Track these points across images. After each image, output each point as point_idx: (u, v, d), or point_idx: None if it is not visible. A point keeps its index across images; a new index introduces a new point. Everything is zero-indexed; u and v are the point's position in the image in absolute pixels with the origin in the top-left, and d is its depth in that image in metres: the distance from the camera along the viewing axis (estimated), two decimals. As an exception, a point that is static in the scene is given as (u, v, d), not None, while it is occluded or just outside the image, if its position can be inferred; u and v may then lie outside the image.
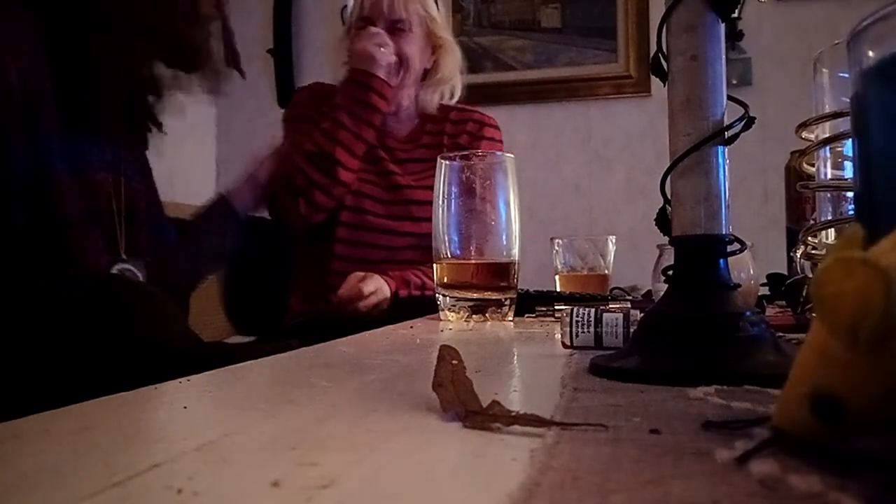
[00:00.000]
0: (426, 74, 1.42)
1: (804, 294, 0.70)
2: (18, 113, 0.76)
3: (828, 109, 0.56)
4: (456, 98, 1.45)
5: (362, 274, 1.26)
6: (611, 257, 1.20)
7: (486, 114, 1.47)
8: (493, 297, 0.83)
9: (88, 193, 0.83)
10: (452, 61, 1.43)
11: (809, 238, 0.61)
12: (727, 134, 0.40)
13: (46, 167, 0.78)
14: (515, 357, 0.53)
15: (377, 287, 1.24)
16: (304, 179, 1.27)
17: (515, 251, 0.85)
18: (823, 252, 0.60)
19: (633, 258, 1.54)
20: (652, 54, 0.43)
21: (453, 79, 1.44)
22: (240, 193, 1.24)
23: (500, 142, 1.46)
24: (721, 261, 0.40)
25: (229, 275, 1.48)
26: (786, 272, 0.99)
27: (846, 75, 0.31)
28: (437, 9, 1.42)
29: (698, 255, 0.40)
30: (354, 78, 1.32)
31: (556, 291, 1.03)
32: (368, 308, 1.22)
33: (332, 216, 1.31)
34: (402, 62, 1.35)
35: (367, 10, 1.36)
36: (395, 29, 1.35)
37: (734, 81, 2.09)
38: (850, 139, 0.32)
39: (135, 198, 0.91)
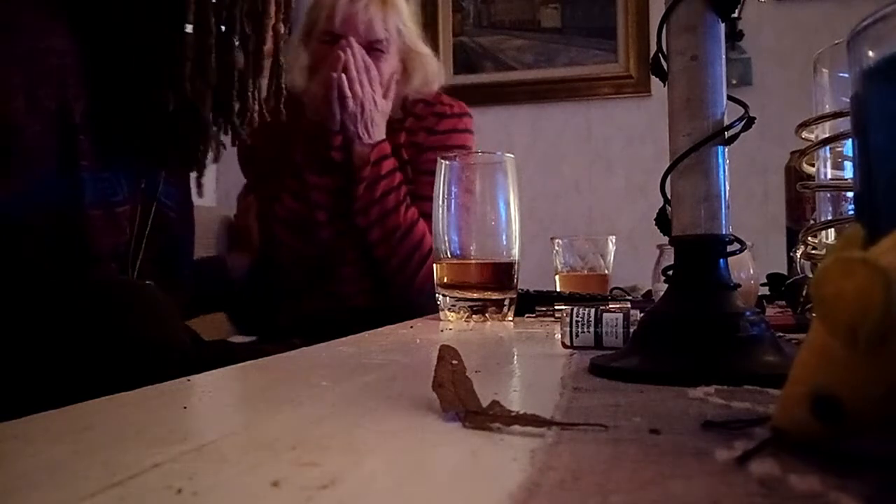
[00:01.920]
0: (396, 83, 1.31)
1: (804, 294, 0.70)
2: (55, 145, 0.76)
3: (828, 109, 0.56)
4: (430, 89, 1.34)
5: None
6: (611, 257, 1.20)
7: (455, 102, 1.37)
8: (493, 297, 0.83)
9: (116, 227, 0.83)
10: (421, 68, 1.31)
11: (809, 238, 0.61)
12: (727, 134, 0.40)
13: (79, 201, 0.78)
14: (515, 357, 0.53)
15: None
16: (286, 247, 1.25)
17: (515, 251, 0.85)
18: (823, 252, 0.60)
19: (633, 258, 1.54)
20: (652, 54, 0.43)
21: (426, 87, 1.33)
22: (235, 259, 1.23)
23: (467, 131, 1.36)
24: (721, 261, 0.40)
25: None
26: (786, 272, 0.99)
27: (846, 75, 0.31)
28: (411, 17, 1.32)
29: (698, 255, 0.40)
30: (312, 133, 1.22)
31: (556, 291, 1.03)
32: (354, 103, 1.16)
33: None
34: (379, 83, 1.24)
35: (337, 26, 1.22)
36: (372, 49, 1.23)
37: (734, 81, 2.10)
38: (850, 139, 0.32)
39: (164, 227, 0.90)
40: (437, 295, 0.86)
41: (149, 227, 0.86)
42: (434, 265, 0.86)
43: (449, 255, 0.84)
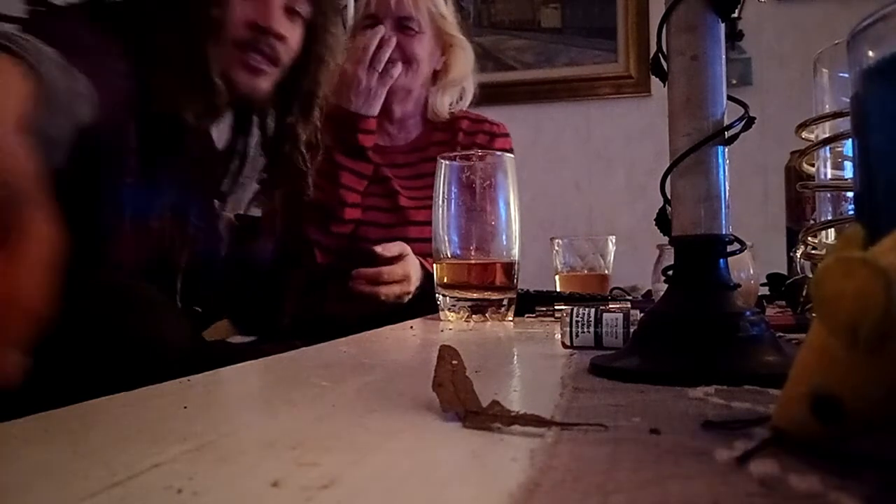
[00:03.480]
0: (436, 76, 1.34)
1: (804, 294, 0.70)
2: (102, 166, 0.78)
3: (828, 109, 0.56)
4: (467, 102, 1.38)
5: (397, 249, 1.14)
6: (611, 257, 1.20)
7: (497, 122, 1.41)
8: (493, 297, 0.83)
9: (152, 243, 0.84)
10: (464, 61, 1.34)
11: (809, 238, 0.61)
12: (727, 134, 0.40)
13: (120, 219, 0.79)
14: (515, 357, 0.53)
15: (405, 274, 1.13)
16: (313, 230, 1.24)
17: (515, 251, 0.85)
18: (823, 252, 0.60)
19: (633, 258, 1.54)
20: (652, 54, 0.43)
21: (465, 80, 1.35)
22: (260, 248, 1.23)
23: (511, 150, 1.37)
24: (721, 261, 0.40)
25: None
26: (786, 272, 0.99)
27: (846, 75, 0.31)
28: (447, 5, 1.34)
29: (698, 255, 0.40)
30: (336, 114, 1.21)
31: (556, 291, 1.03)
32: (388, 298, 1.12)
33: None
34: (409, 64, 1.26)
35: (373, 7, 1.28)
36: (404, 27, 1.26)
37: (734, 81, 2.09)
38: (850, 139, 0.32)
39: (198, 245, 0.91)
40: (437, 295, 0.86)
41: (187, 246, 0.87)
42: (434, 265, 0.86)
43: (449, 255, 0.84)
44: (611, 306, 0.56)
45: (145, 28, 0.82)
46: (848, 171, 0.58)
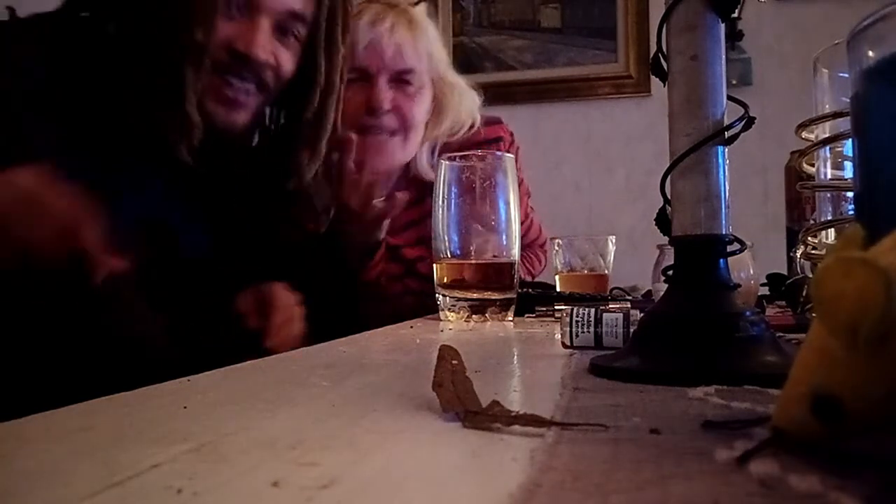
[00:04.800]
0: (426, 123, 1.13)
1: (804, 294, 0.70)
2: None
3: (828, 109, 0.56)
4: (464, 129, 1.16)
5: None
6: (611, 257, 1.20)
7: (490, 125, 1.23)
8: (493, 297, 0.83)
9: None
10: (456, 100, 1.12)
11: (809, 238, 0.61)
12: (727, 134, 0.40)
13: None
14: (515, 357, 0.53)
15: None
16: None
17: (515, 251, 0.85)
18: (823, 252, 0.60)
19: (633, 258, 1.54)
20: (652, 54, 0.43)
21: (458, 117, 1.14)
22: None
23: (512, 143, 1.26)
24: (721, 261, 0.40)
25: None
26: (786, 272, 0.99)
27: (846, 75, 0.31)
28: (442, 48, 1.13)
29: (698, 255, 0.40)
30: (357, 243, 1.02)
31: (556, 291, 1.03)
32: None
33: None
34: (403, 124, 1.07)
35: (360, 59, 1.03)
36: (401, 80, 1.05)
37: (734, 81, 2.09)
38: (850, 139, 0.32)
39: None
40: (437, 295, 0.86)
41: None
42: (434, 265, 0.86)
43: (449, 255, 0.84)
44: (611, 306, 0.56)
45: (121, 46, 0.75)
46: (848, 171, 0.58)
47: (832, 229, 0.59)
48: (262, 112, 0.87)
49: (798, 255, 0.71)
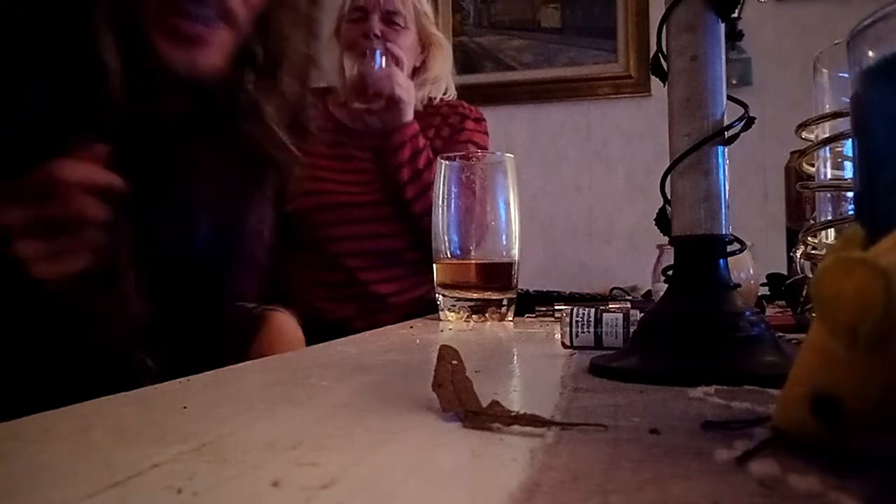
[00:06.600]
0: (414, 72, 1.37)
1: (804, 294, 0.70)
2: None
3: (828, 109, 0.56)
4: (449, 96, 1.41)
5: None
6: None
7: (473, 108, 1.44)
8: (493, 297, 0.83)
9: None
10: (442, 60, 1.40)
11: (809, 238, 0.61)
12: (727, 134, 0.40)
13: None
14: (515, 357, 0.53)
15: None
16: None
17: (515, 251, 0.85)
18: (823, 252, 0.60)
19: (633, 258, 1.54)
20: (652, 54, 0.43)
21: (442, 79, 1.40)
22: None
23: (485, 133, 1.43)
24: (721, 261, 0.40)
25: None
26: (786, 272, 0.99)
27: (846, 75, 0.31)
28: (428, 2, 1.40)
29: (698, 255, 0.40)
30: (387, 123, 1.25)
31: (556, 291, 1.03)
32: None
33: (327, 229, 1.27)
34: (393, 59, 1.29)
35: (361, 0, 1.31)
36: (389, 21, 1.31)
37: (734, 81, 2.09)
38: (850, 139, 0.32)
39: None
40: (436, 295, 0.86)
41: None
42: (434, 265, 0.86)
43: (449, 255, 0.84)
44: (611, 306, 0.56)
45: None
46: (848, 171, 0.58)
47: (832, 229, 0.59)
48: (238, 50, 0.68)
49: (798, 255, 0.71)
